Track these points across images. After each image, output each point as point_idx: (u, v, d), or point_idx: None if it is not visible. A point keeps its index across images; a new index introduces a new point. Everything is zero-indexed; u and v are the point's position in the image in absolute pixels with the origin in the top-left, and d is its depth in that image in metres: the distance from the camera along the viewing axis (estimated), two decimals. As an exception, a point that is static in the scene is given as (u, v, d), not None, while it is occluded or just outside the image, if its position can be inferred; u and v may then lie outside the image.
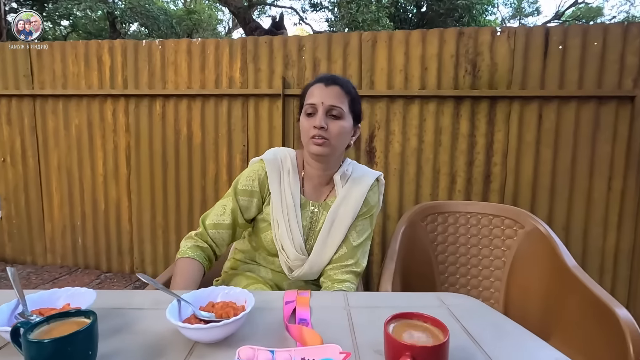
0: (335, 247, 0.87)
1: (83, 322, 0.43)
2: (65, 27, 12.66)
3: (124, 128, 2.13)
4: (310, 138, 0.85)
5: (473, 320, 0.54)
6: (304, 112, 0.88)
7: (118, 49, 2.08)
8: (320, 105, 0.85)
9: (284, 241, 0.87)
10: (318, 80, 0.89)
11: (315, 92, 0.87)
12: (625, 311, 0.89)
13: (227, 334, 0.48)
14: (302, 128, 0.88)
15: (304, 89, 0.93)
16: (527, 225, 1.29)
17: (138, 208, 2.17)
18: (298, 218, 0.88)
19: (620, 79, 1.71)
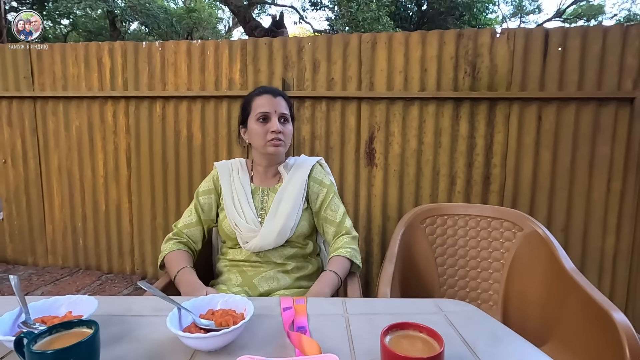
0: (284, 219, 1.04)
1: (85, 332, 0.44)
2: (65, 25, 12.66)
3: (124, 129, 2.14)
4: (268, 141, 1.05)
5: (469, 327, 0.54)
6: (255, 118, 1.05)
7: (118, 50, 2.09)
8: (273, 113, 1.05)
9: (236, 220, 1.05)
10: (263, 92, 1.08)
11: (265, 102, 1.06)
12: (622, 315, 0.89)
13: (226, 342, 0.48)
14: (257, 133, 1.06)
15: (245, 99, 1.11)
16: (525, 228, 1.29)
17: (138, 209, 2.18)
18: (249, 200, 1.08)
19: (620, 81, 1.71)
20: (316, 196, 1.12)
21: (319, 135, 1.96)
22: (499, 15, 15.45)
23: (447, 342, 0.39)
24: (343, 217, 1.11)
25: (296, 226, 1.06)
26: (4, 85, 2.21)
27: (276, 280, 1.04)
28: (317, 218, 1.14)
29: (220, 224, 1.11)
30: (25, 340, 0.40)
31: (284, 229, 1.03)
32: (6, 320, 0.49)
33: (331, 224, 1.11)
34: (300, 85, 1.96)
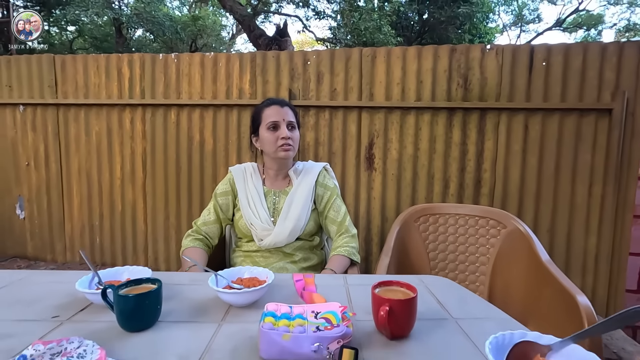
0: (294, 221, 1.16)
1: (151, 287, 0.58)
2: (72, 32, 12.94)
3: (141, 135, 2.29)
4: (278, 146, 1.18)
5: (443, 293, 0.69)
6: (265, 127, 1.19)
7: (137, 61, 2.25)
8: (282, 122, 1.18)
9: (252, 220, 1.18)
10: (271, 103, 1.21)
11: (274, 112, 1.19)
12: (584, 298, 1.03)
13: (254, 299, 0.63)
14: (267, 140, 1.19)
15: (255, 110, 1.25)
16: (509, 226, 1.44)
17: (152, 209, 2.33)
18: (262, 202, 1.22)
19: (599, 93, 1.86)
20: (321, 198, 1.26)
21: (323, 141, 2.12)
22: (500, 24, 15.69)
23: (424, 303, 0.53)
24: (344, 217, 1.25)
25: (305, 225, 1.20)
26: (29, 93, 2.38)
27: (285, 270, 1.19)
28: (321, 217, 1.28)
29: (237, 223, 1.24)
30: (110, 290, 0.55)
31: (295, 229, 1.17)
32: (85, 281, 0.63)
33: (333, 223, 1.25)
34: (305, 95, 2.11)
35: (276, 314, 0.53)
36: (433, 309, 0.61)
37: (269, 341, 0.48)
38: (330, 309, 0.54)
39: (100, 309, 0.60)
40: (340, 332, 0.48)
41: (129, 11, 10.55)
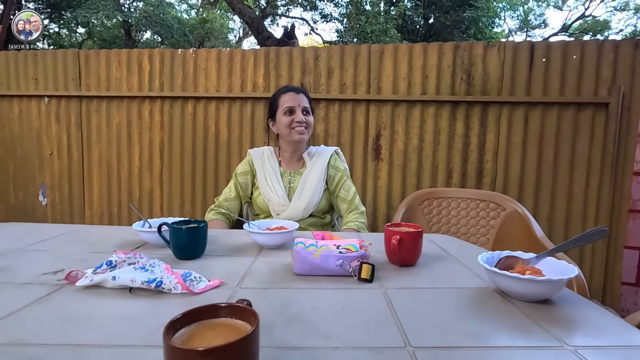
0: (307, 200, 1.27)
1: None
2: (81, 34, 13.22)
3: (159, 126, 2.42)
4: (292, 129, 1.30)
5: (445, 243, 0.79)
6: (282, 112, 1.31)
7: (157, 57, 2.38)
8: (297, 107, 1.31)
9: (269, 195, 1.31)
10: (288, 90, 1.33)
11: (290, 98, 1.30)
12: (576, 269, 1.12)
13: (282, 241, 0.73)
14: (283, 123, 1.30)
15: (273, 97, 1.37)
16: (507, 208, 1.53)
17: (169, 197, 2.44)
18: (279, 181, 1.34)
19: (596, 88, 1.96)
20: (333, 179, 1.38)
21: (332, 133, 2.23)
22: (505, 29, 15.78)
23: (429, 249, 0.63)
24: (354, 196, 1.37)
25: (318, 203, 1.32)
26: (54, 85, 2.51)
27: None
28: (333, 197, 1.39)
29: (256, 199, 1.36)
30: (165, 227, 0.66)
31: (308, 205, 1.29)
32: (138, 225, 0.75)
33: (344, 202, 1.36)
34: (316, 89, 2.23)
35: (305, 243, 0.63)
36: (436, 252, 0.72)
37: (301, 259, 0.58)
38: (350, 242, 0.64)
39: (152, 248, 0.71)
40: (359, 254, 0.58)
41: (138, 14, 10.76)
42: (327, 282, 0.55)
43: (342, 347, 0.37)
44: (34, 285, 0.55)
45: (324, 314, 0.45)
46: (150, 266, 0.54)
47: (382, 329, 0.41)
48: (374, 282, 0.55)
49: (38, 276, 0.58)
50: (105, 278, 0.52)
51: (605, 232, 0.54)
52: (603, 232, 0.54)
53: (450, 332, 0.40)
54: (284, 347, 0.38)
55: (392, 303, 0.48)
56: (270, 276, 0.58)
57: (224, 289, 0.53)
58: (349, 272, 0.56)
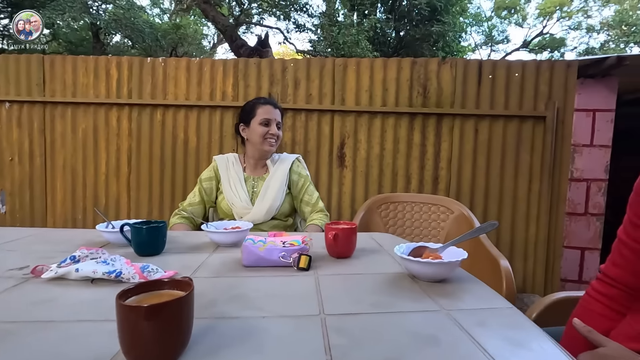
0: (269, 204, 1.37)
1: (159, 225, 0.77)
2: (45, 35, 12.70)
3: (127, 132, 2.43)
4: (265, 139, 1.40)
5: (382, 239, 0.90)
6: (258, 122, 1.41)
7: (125, 64, 2.40)
8: (273, 120, 1.43)
9: (233, 200, 1.39)
10: (267, 103, 1.44)
11: (268, 111, 1.42)
12: (505, 261, 1.28)
13: (237, 239, 0.82)
14: (258, 132, 1.41)
15: (251, 104, 1.46)
16: (455, 211, 1.69)
17: (136, 203, 2.45)
18: (243, 186, 1.42)
19: (536, 103, 2.18)
20: (296, 184, 1.48)
21: (299, 141, 2.33)
22: (472, 43, 16.62)
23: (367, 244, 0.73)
24: (317, 200, 1.49)
25: (280, 206, 1.42)
26: (16, 90, 2.47)
27: None
28: (296, 201, 1.50)
29: (220, 204, 1.45)
30: (127, 227, 0.73)
31: (270, 209, 1.39)
32: (102, 226, 0.81)
33: (307, 205, 1.47)
34: (284, 99, 2.33)
35: (254, 239, 0.72)
36: (372, 247, 0.83)
37: (249, 252, 0.67)
38: (294, 239, 0.73)
39: (115, 247, 0.77)
40: (300, 248, 0.68)
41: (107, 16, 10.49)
42: (270, 271, 0.64)
43: (269, 316, 0.46)
44: (1, 279, 0.60)
45: (262, 294, 0.54)
46: (111, 260, 0.61)
47: (305, 303, 0.50)
48: (310, 271, 0.64)
49: (4, 272, 0.64)
50: (68, 270, 0.58)
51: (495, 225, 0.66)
52: (493, 225, 0.66)
53: (360, 303, 0.50)
54: (222, 318, 0.46)
55: (320, 285, 0.57)
56: (222, 267, 0.66)
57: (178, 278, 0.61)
58: (289, 263, 0.66)
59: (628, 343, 0.57)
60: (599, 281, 0.66)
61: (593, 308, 0.64)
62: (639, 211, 0.60)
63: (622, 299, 0.62)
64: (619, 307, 0.62)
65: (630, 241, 0.61)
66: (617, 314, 0.62)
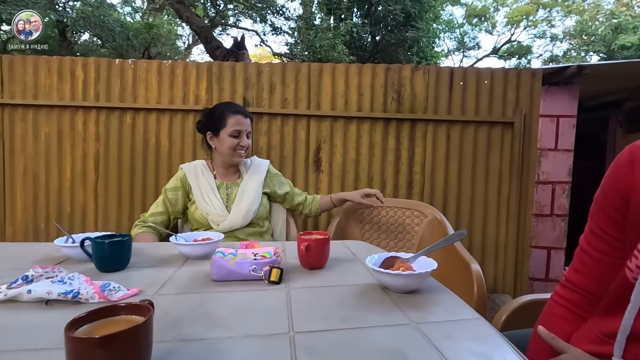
0: (246, 207, 1.36)
1: (122, 240, 0.73)
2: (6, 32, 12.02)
3: (94, 137, 2.33)
4: (235, 151, 1.38)
5: (356, 248, 0.90)
6: (228, 133, 1.38)
7: (92, 65, 2.30)
8: (244, 132, 1.40)
9: (207, 209, 1.34)
10: (237, 112, 1.40)
11: (239, 121, 1.39)
12: (476, 265, 1.31)
13: (206, 251, 0.79)
14: (228, 144, 1.38)
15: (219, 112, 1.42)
16: (429, 215, 1.72)
17: (104, 211, 2.35)
18: (216, 194, 1.38)
19: (504, 109, 2.26)
20: (282, 185, 1.53)
21: (275, 145, 2.31)
22: (445, 49, 17.14)
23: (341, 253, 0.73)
24: (291, 187, 1.59)
25: (257, 210, 1.40)
26: (-29, 92, 2.31)
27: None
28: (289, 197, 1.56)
29: (192, 214, 1.39)
30: (88, 241, 0.69)
31: (248, 212, 1.37)
32: (61, 240, 0.76)
33: (300, 195, 1.58)
34: (259, 103, 2.30)
35: (224, 252, 0.70)
36: (346, 256, 0.82)
37: (218, 266, 0.65)
38: (266, 250, 0.72)
39: (75, 262, 0.73)
40: (271, 260, 0.67)
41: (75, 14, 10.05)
42: (240, 286, 0.62)
43: (236, 336, 0.44)
44: (-58, 303, 0.55)
45: (230, 311, 0.52)
46: (68, 279, 0.57)
47: (274, 320, 0.49)
48: (281, 284, 0.63)
49: (-53, 295, 0.58)
50: (20, 292, 0.54)
51: (464, 234, 0.68)
52: (462, 234, 0.67)
53: (330, 318, 0.50)
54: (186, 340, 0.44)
55: (290, 300, 0.56)
56: (190, 283, 0.64)
57: (142, 296, 0.58)
58: (260, 277, 0.64)
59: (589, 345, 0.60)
60: (562, 286, 0.68)
61: (556, 312, 0.67)
62: (600, 222, 0.63)
63: (584, 303, 0.65)
64: (581, 312, 0.65)
65: (591, 250, 0.64)
66: (579, 317, 0.65)
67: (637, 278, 0.53)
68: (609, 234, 0.62)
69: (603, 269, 0.62)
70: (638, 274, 0.53)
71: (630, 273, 0.54)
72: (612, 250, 0.62)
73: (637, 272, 0.53)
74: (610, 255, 0.62)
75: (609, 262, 0.61)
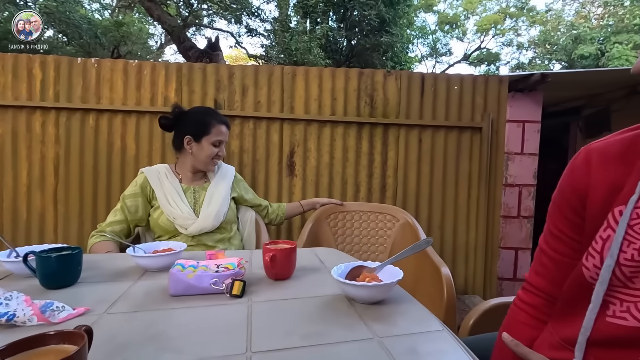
0: (216, 210, 1.33)
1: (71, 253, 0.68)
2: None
3: (53, 139, 2.20)
4: (213, 160, 1.38)
5: (326, 255, 0.88)
6: (211, 142, 1.36)
7: (51, 64, 2.18)
8: (224, 142, 1.41)
9: (174, 214, 1.29)
10: (222, 122, 1.39)
11: (222, 132, 1.38)
12: (446, 269, 1.32)
13: (166, 263, 0.75)
14: (208, 152, 1.36)
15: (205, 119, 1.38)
16: (400, 219, 1.73)
17: (65, 218, 2.22)
18: (182, 198, 1.34)
19: (473, 114, 2.32)
20: (247, 190, 1.57)
21: (247, 149, 2.26)
22: (418, 54, 17.57)
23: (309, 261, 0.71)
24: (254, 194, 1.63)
25: (227, 212, 1.37)
26: None
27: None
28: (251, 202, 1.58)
29: (157, 221, 1.32)
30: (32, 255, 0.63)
31: (219, 214, 1.34)
32: (3, 255, 0.69)
33: (262, 201, 1.61)
34: (231, 106, 2.25)
35: (184, 265, 0.66)
36: (315, 265, 0.80)
37: (176, 280, 0.61)
38: (229, 261, 0.69)
39: (18, 278, 0.67)
40: (233, 272, 0.64)
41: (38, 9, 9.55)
42: (200, 301, 0.59)
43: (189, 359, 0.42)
44: None
45: (185, 331, 0.49)
46: (5, 299, 0.52)
47: (231, 339, 0.46)
48: (244, 297, 0.60)
49: None
50: (-53, 316, 0.48)
51: (430, 241, 0.67)
52: (428, 242, 0.67)
53: (291, 335, 0.47)
54: (133, 366, 0.41)
55: (252, 315, 0.54)
56: (145, 299, 0.60)
57: (89, 315, 0.53)
58: (222, 290, 0.61)
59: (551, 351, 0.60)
60: (524, 290, 0.69)
61: (519, 318, 0.67)
62: (557, 222, 0.63)
63: (546, 307, 0.65)
64: (543, 316, 0.65)
65: (550, 250, 0.64)
66: (541, 322, 0.65)
67: (595, 277, 0.53)
68: (567, 235, 0.62)
69: (562, 271, 0.62)
70: (596, 274, 0.53)
71: (588, 272, 0.54)
72: (570, 251, 0.62)
73: (595, 271, 0.53)
74: (568, 256, 0.62)
75: (567, 264, 0.62)
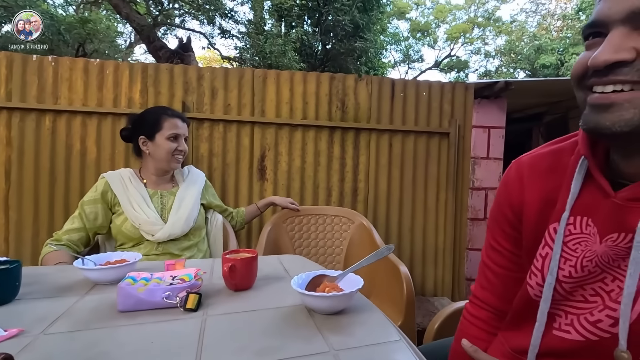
0: (186, 215, 1.29)
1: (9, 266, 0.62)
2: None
3: (5, 141, 2.05)
4: (173, 156, 1.31)
5: (290, 263, 0.87)
6: (165, 137, 1.29)
7: (2, 60, 2.04)
8: (182, 136, 1.34)
9: (139, 220, 1.23)
10: (174, 116, 1.34)
11: (177, 125, 1.31)
12: (404, 267, 1.34)
13: (118, 276, 0.71)
14: (166, 148, 1.29)
15: (154, 115, 1.34)
16: (356, 221, 1.75)
17: (17, 225, 2.07)
18: (149, 204, 1.28)
19: (441, 120, 2.38)
20: (215, 198, 1.53)
21: (217, 153, 2.21)
22: (391, 60, 17.95)
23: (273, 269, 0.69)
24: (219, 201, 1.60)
25: (197, 217, 1.33)
26: None
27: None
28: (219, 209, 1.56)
29: (120, 227, 1.25)
30: (-39, 271, 0.57)
31: (189, 218, 1.29)
32: None
33: (218, 207, 1.55)
34: (200, 108, 2.19)
35: (135, 277, 0.63)
36: (278, 273, 0.79)
37: (125, 295, 0.57)
38: (186, 273, 0.66)
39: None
40: (189, 284, 0.61)
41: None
42: (150, 317, 0.55)
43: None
44: None
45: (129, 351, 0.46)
46: None
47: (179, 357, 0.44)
48: (199, 311, 0.58)
49: None
50: None
51: (392, 248, 0.67)
52: (390, 249, 0.67)
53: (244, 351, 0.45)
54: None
55: (205, 331, 0.51)
56: (91, 315, 0.56)
57: (22, 337, 0.49)
58: (175, 304, 0.58)
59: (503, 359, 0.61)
60: (471, 303, 0.68)
61: (469, 332, 0.66)
62: (497, 236, 0.63)
63: (493, 320, 0.65)
64: (491, 329, 0.65)
65: (492, 264, 0.64)
66: (490, 335, 0.65)
67: (539, 295, 0.53)
68: (506, 248, 0.62)
69: (505, 285, 0.63)
70: (540, 292, 0.53)
71: (532, 290, 0.54)
72: (510, 265, 0.62)
73: (538, 289, 0.53)
74: (509, 269, 0.62)
75: (510, 277, 0.62)
